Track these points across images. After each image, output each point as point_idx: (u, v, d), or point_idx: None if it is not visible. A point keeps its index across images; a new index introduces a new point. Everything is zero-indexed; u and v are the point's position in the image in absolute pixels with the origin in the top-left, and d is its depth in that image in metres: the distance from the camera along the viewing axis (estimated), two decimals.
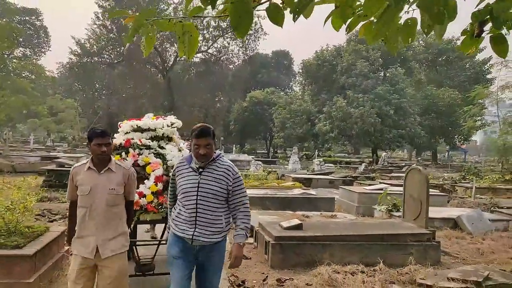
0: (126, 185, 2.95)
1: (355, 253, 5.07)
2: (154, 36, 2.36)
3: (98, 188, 2.84)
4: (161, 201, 3.85)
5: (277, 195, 9.02)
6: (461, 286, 3.70)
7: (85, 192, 2.83)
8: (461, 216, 7.41)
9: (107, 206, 2.83)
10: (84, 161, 3.00)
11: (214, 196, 2.57)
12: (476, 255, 5.73)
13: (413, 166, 7.12)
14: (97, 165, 2.88)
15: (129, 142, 4.23)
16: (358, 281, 3.89)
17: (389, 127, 26.95)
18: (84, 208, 2.83)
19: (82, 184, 2.86)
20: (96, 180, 2.85)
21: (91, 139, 2.83)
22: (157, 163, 4.10)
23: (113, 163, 2.93)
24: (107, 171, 2.89)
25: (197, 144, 2.55)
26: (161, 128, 4.43)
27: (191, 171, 2.62)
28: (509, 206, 9.42)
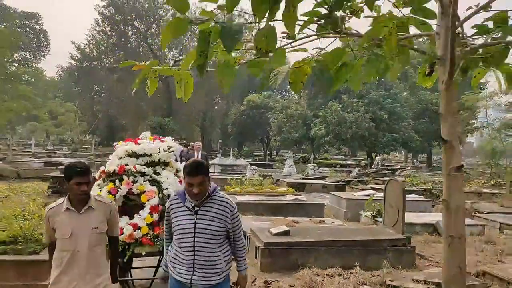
0: (108, 221, 2.81)
1: (337, 257, 5.61)
2: (157, 78, 2.87)
3: (79, 230, 2.66)
4: (157, 233, 3.70)
5: (270, 201, 9.57)
6: (423, 287, 4.25)
7: (65, 236, 2.64)
8: (439, 221, 7.96)
9: (90, 247, 2.68)
10: (60, 201, 2.77)
11: (212, 236, 2.44)
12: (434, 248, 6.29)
13: (392, 177, 7.68)
14: (76, 205, 2.69)
15: (123, 168, 4.00)
16: (335, 283, 4.44)
17: (383, 131, 27.55)
18: (65, 252, 2.65)
19: (61, 227, 2.66)
20: (77, 221, 2.67)
21: (70, 177, 2.62)
22: (153, 192, 3.92)
23: (92, 200, 2.75)
24: (88, 210, 2.71)
25: (190, 183, 2.39)
26: (158, 153, 4.21)
27: (186, 210, 2.49)
28: (489, 211, 9.99)
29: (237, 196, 9.85)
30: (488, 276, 5.18)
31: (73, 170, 2.61)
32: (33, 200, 5.61)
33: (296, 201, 9.59)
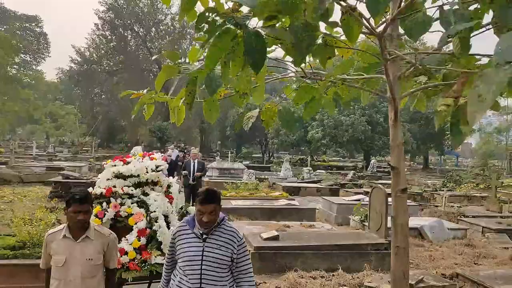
0: (105, 253, 2.77)
1: (322, 260, 6.02)
2: (153, 104, 3.26)
3: (73, 259, 2.63)
4: (144, 258, 3.66)
5: (263, 205, 9.99)
6: None
7: (59, 263, 2.62)
8: (423, 226, 8.40)
9: (82, 278, 2.63)
10: (60, 227, 2.78)
11: (219, 265, 2.45)
12: (427, 261, 6.71)
13: (376, 185, 8.10)
14: (74, 233, 2.68)
15: (110, 191, 3.96)
16: (317, 284, 4.86)
17: (379, 134, 27.99)
18: (57, 280, 2.62)
19: (56, 254, 2.65)
20: (71, 249, 2.65)
21: (69, 204, 2.62)
22: (140, 214, 3.88)
23: (91, 230, 2.73)
24: (85, 239, 2.69)
25: (201, 211, 2.41)
26: (146, 174, 4.14)
27: (194, 237, 2.49)
28: (474, 215, 10.42)
29: (232, 200, 10.26)
30: (461, 278, 5.60)
31: (72, 197, 2.59)
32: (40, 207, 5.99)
33: (289, 206, 10.01)
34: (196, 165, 9.93)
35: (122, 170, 4.05)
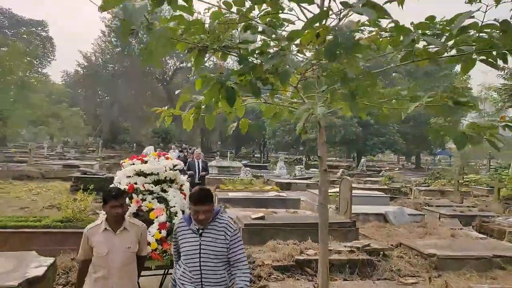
0: (139, 242, 3.12)
1: (297, 234, 7.64)
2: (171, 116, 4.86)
3: (115, 249, 2.95)
4: (165, 248, 3.99)
5: (255, 196, 11.66)
6: (347, 250, 6.32)
7: (102, 254, 2.93)
8: (387, 212, 10.06)
9: (123, 265, 2.96)
10: (98, 222, 3.14)
11: (216, 256, 2.64)
12: (384, 237, 8.36)
13: (344, 176, 9.74)
14: (113, 226, 3.01)
15: (132, 187, 4.30)
16: (290, 248, 6.50)
17: (370, 135, 29.61)
18: (101, 268, 2.94)
19: (99, 246, 2.95)
20: (112, 240, 2.97)
21: (107, 201, 2.97)
22: (161, 209, 4.24)
23: (127, 222, 3.07)
24: (123, 230, 3.02)
25: (197, 210, 2.62)
26: (164, 172, 4.53)
27: (191, 233, 2.69)
28: (437, 205, 12.08)
29: (229, 192, 11.93)
30: (403, 246, 7.26)
31: (109, 194, 2.98)
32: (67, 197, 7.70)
33: (277, 196, 11.68)
34: (200, 164, 10.57)
35: (143, 168, 4.48)
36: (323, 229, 4.09)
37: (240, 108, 4.37)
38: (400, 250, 7.19)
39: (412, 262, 6.60)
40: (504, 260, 6.53)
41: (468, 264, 6.33)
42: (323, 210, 4.22)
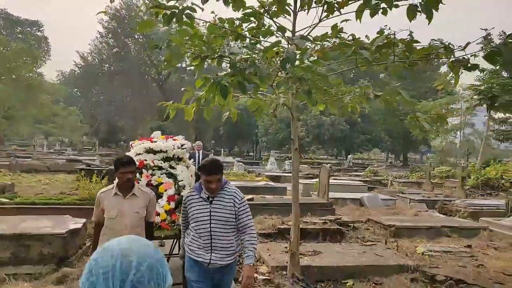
0: (147, 208, 3.25)
1: (281, 212, 8.88)
2: (175, 110, 6.09)
3: (123, 212, 3.11)
4: (173, 219, 4.19)
5: (246, 185, 12.91)
6: (321, 222, 7.60)
7: (112, 216, 3.10)
8: (363, 197, 11.37)
9: (131, 228, 3.09)
10: (110, 187, 3.29)
11: (225, 222, 2.78)
12: (357, 216, 9.64)
13: (323, 164, 11.04)
14: (123, 191, 3.16)
15: (142, 163, 4.54)
16: (274, 220, 7.77)
17: (358, 133, 31.02)
18: (110, 230, 3.10)
19: (109, 209, 3.12)
20: (122, 204, 3.13)
21: (117, 168, 3.12)
22: (170, 183, 4.46)
23: (136, 189, 3.23)
24: (132, 196, 3.17)
25: (209, 180, 2.73)
26: (173, 150, 4.87)
27: (202, 201, 2.82)
28: (410, 193, 13.44)
29: None
30: (370, 221, 8.56)
31: (119, 161, 3.16)
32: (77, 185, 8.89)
33: (266, 185, 12.95)
34: (201, 155, 11.11)
35: (153, 146, 4.83)
36: (295, 192, 5.38)
37: (231, 102, 5.62)
38: (367, 224, 8.50)
39: (376, 232, 7.92)
40: (450, 229, 7.86)
41: (420, 233, 7.66)
42: (295, 186, 5.48)
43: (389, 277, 5.38)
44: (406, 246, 6.93)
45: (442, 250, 6.62)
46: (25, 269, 4.44)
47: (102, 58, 35.97)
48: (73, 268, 4.68)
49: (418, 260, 6.03)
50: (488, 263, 6.07)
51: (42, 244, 4.58)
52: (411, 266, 5.59)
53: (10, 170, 14.79)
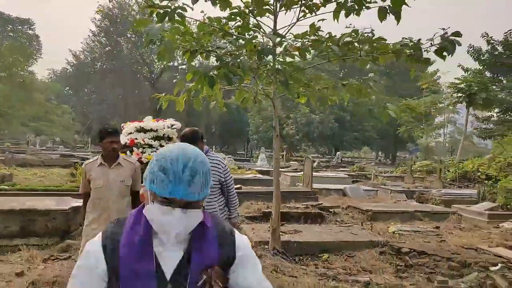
0: (133, 177, 3.27)
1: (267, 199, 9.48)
2: (168, 102, 6.64)
3: (110, 181, 3.13)
4: None
5: (236, 177, 13.44)
6: (304, 206, 8.20)
7: (99, 186, 3.12)
8: (346, 187, 12.02)
9: (118, 197, 3.15)
10: (95, 158, 3.30)
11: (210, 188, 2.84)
12: (339, 204, 10.27)
13: (307, 156, 11.66)
14: (108, 161, 3.17)
15: (133, 141, 4.72)
16: (260, 205, 8.35)
17: (347, 131, 31.76)
18: (98, 200, 3.15)
19: (95, 179, 3.14)
20: (107, 174, 3.14)
21: (103, 137, 3.13)
22: None
23: (121, 159, 3.25)
24: (117, 165, 3.19)
25: None
26: (163, 129, 5.12)
27: None
28: (393, 185, 14.13)
29: None
30: (350, 207, 9.20)
31: (105, 131, 3.18)
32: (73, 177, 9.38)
33: (255, 177, 13.54)
34: None
35: (143, 125, 5.12)
36: (277, 172, 5.96)
37: (219, 93, 6.17)
38: (347, 210, 9.14)
39: (354, 216, 8.55)
40: (423, 214, 8.53)
41: (395, 217, 8.30)
42: (276, 171, 6.06)
43: (361, 251, 5.99)
44: (380, 227, 7.57)
45: (412, 230, 7.26)
46: (33, 241, 4.97)
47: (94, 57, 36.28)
48: (75, 240, 5.22)
49: (388, 238, 6.67)
50: (451, 240, 6.72)
51: (47, 218, 5.11)
52: (381, 242, 6.22)
53: (5, 164, 15.16)
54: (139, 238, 1.09)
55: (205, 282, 1.09)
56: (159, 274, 1.08)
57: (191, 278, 1.09)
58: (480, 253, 5.89)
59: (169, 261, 1.10)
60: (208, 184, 1.11)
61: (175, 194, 1.02)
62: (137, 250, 1.09)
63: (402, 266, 5.41)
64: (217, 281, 1.10)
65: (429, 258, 5.60)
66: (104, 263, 1.09)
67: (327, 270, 5.32)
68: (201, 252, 1.12)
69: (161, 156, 1.07)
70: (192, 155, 1.07)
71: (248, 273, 1.17)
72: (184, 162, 1.04)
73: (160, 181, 1.03)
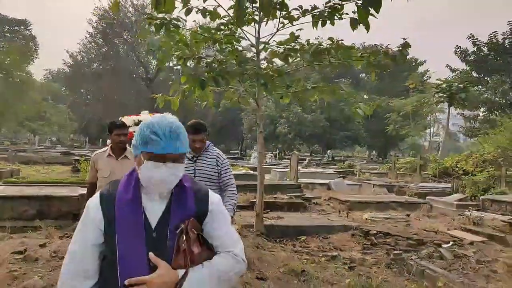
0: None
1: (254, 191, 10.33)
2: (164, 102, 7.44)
3: (116, 172, 3.23)
4: None
5: None
6: (288, 197, 9.02)
7: (105, 176, 3.26)
8: (330, 182, 12.86)
9: None
10: (104, 149, 3.47)
11: (208, 179, 3.02)
12: (323, 195, 11.11)
13: (294, 151, 12.49)
14: (115, 153, 3.33)
15: (131, 134, 4.14)
16: (247, 196, 9.15)
17: (336, 130, 32.65)
18: None
19: (102, 169, 3.30)
20: (114, 165, 3.29)
21: (112, 130, 3.31)
22: None
23: (128, 151, 3.38)
24: (124, 158, 3.34)
25: (193, 139, 2.93)
26: None
27: (187, 160, 2.97)
28: (376, 180, 14.99)
29: None
30: (332, 198, 10.03)
31: (114, 124, 3.36)
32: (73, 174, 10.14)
33: (246, 173, 14.35)
34: None
35: (140, 118, 5.66)
36: (260, 164, 6.75)
37: (209, 94, 6.96)
38: (329, 201, 9.97)
39: (334, 206, 9.39)
40: (396, 204, 9.38)
41: (371, 206, 9.14)
42: (262, 174, 6.83)
43: (335, 234, 6.82)
44: (356, 215, 8.40)
45: (384, 217, 8.10)
46: (49, 222, 5.75)
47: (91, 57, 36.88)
48: None
49: (361, 223, 7.50)
50: (416, 224, 7.57)
51: (61, 203, 5.90)
52: (353, 226, 7.05)
53: (8, 161, 15.85)
54: (130, 196, 1.30)
55: (182, 230, 1.27)
56: (146, 224, 1.29)
57: (171, 226, 1.27)
58: (438, 235, 6.73)
59: (154, 213, 1.31)
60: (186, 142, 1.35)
61: (167, 150, 1.26)
62: (129, 205, 1.29)
63: (368, 245, 6.24)
64: (193, 230, 1.29)
65: (392, 238, 6.44)
66: (101, 214, 1.30)
67: (303, 248, 6.14)
68: (180, 205, 1.32)
69: (149, 124, 1.31)
70: (171, 120, 1.31)
71: (218, 224, 1.37)
72: (168, 125, 1.28)
73: (155, 141, 1.26)
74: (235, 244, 1.40)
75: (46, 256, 4.32)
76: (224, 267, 1.32)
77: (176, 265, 1.24)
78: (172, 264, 1.24)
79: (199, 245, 1.30)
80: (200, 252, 1.29)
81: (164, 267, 1.22)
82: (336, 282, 4.23)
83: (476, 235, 6.62)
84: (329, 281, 4.24)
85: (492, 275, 4.57)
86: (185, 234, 1.26)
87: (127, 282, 1.21)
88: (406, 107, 24.98)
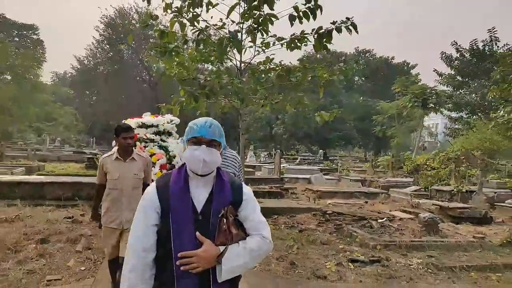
0: (145, 171, 3.58)
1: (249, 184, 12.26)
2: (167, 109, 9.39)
3: (124, 174, 3.43)
4: None
5: None
6: (269, 187, 10.94)
7: (114, 178, 3.42)
8: (311, 176, 14.78)
9: (132, 188, 3.44)
10: (111, 152, 3.59)
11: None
12: (303, 187, 13.01)
13: (277, 151, 14.43)
14: (123, 155, 3.47)
15: (136, 137, 4.80)
16: None
17: (330, 130, 34.48)
18: (114, 190, 3.43)
19: (111, 172, 3.44)
20: (122, 167, 3.44)
21: (119, 133, 3.42)
22: (161, 154, 4.91)
23: (135, 154, 3.54)
24: (131, 160, 3.48)
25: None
26: (163, 125, 5.49)
27: None
28: (354, 176, 16.88)
29: None
30: (307, 189, 11.93)
31: (120, 128, 3.50)
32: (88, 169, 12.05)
33: None
34: None
35: (144, 121, 5.63)
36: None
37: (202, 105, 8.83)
38: (305, 191, 11.89)
39: (308, 195, 11.30)
40: (360, 193, 11.30)
41: (338, 195, 11.05)
42: (242, 153, 8.78)
43: (300, 214, 8.73)
44: (323, 201, 10.31)
45: (344, 202, 10.02)
46: (81, 203, 7.70)
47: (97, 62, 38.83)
48: None
49: (323, 206, 9.41)
50: (368, 208, 9.48)
51: (90, 188, 7.83)
52: (316, 209, 8.96)
53: (28, 159, 17.82)
54: (182, 185, 1.54)
55: (223, 214, 1.49)
56: (193, 208, 1.51)
57: (214, 211, 1.50)
58: (381, 214, 8.64)
59: (199, 200, 1.53)
60: (222, 136, 1.62)
61: (201, 133, 1.53)
62: (180, 193, 1.52)
63: (323, 221, 8.15)
64: (231, 215, 1.52)
65: (343, 216, 8.35)
66: (157, 200, 1.52)
67: (273, 224, 8.05)
68: (220, 194, 1.54)
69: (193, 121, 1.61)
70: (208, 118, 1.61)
71: (250, 211, 1.60)
72: (204, 120, 1.58)
73: (192, 129, 1.56)
74: (264, 228, 1.61)
75: (86, 220, 6.29)
76: (255, 246, 1.53)
77: (219, 242, 1.47)
78: (215, 242, 1.47)
79: (235, 227, 1.51)
80: (237, 233, 1.51)
81: (208, 244, 1.46)
82: (284, 237, 6.16)
83: (409, 214, 8.53)
84: (279, 237, 6.16)
85: (397, 234, 6.49)
86: (225, 217, 1.49)
87: (180, 255, 1.44)
88: (390, 110, 26.76)
